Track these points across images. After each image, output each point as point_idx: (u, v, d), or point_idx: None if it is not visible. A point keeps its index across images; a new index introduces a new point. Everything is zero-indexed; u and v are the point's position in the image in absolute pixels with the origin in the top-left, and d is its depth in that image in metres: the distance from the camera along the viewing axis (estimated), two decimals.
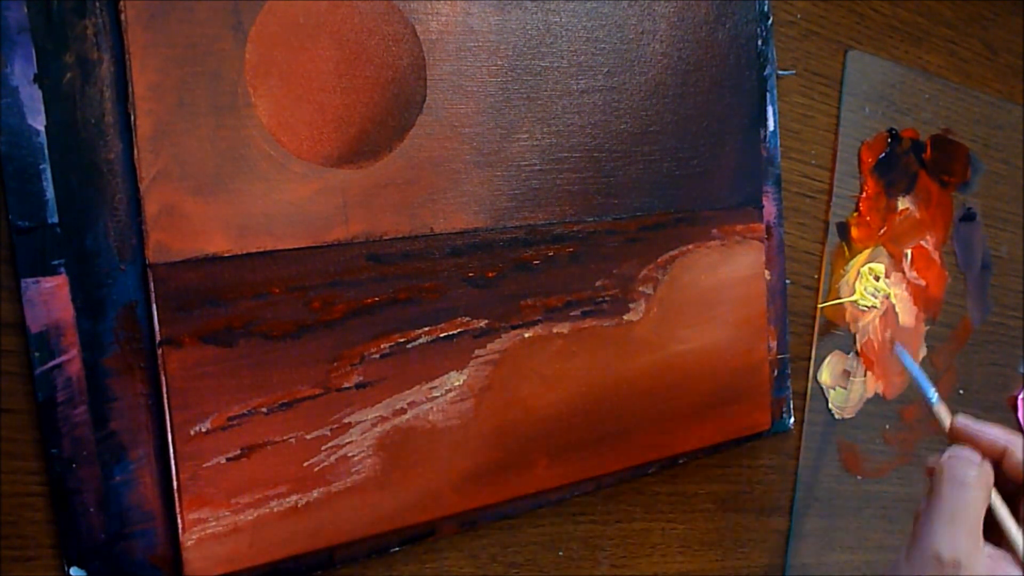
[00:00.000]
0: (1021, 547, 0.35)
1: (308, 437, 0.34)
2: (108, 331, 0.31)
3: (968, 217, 0.59)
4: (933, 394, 0.42)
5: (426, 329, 0.36)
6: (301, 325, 0.34)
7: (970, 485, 0.35)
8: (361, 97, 0.34)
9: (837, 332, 0.53)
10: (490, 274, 0.38)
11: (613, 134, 0.41)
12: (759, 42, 0.46)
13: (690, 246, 0.44)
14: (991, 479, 0.36)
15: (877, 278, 0.54)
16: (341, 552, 0.36)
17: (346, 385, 0.35)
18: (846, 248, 0.53)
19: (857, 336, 0.54)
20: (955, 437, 0.39)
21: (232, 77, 0.32)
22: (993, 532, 0.36)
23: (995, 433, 0.38)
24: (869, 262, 0.54)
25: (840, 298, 0.53)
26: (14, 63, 0.29)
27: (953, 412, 0.40)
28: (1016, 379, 0.63)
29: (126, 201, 0.31)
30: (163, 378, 0.31)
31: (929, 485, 0.37)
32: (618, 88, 0.41)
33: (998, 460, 0.37)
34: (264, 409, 0.33)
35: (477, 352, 0.38)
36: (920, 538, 0.35)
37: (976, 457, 0.37)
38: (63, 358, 0.30)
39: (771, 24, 0.47)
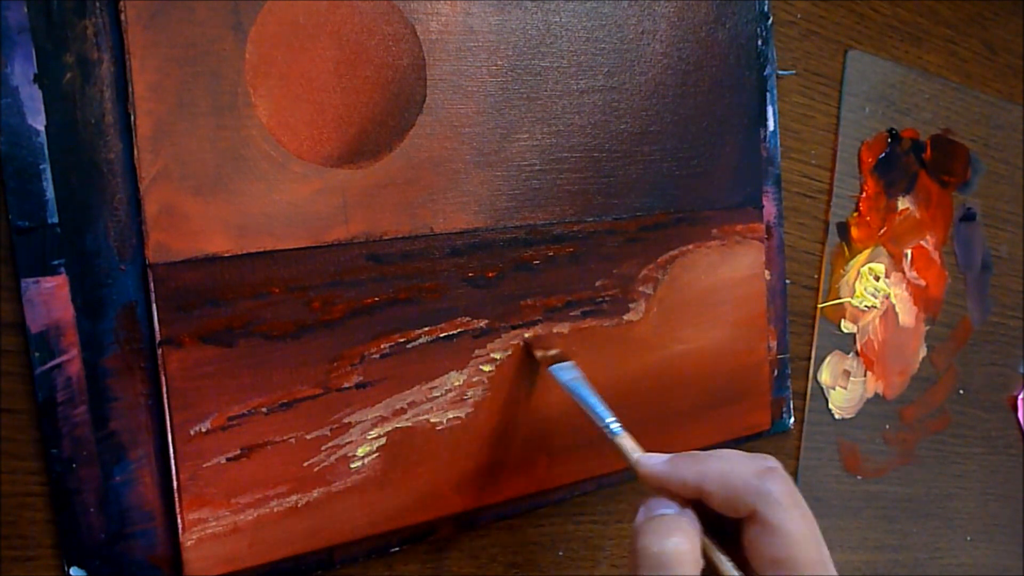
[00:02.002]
0: None
1: (308, 437, 0.34)
2: (108, 331, 0.31)
3: (968, 217, 0.59)
4: (613, 423, 0.34)
5: (426, 329, 0.36)
6: (301, 325, 0.34)
7: (669, 564, 0.28)
8: (361, 97, 0.34)
9: (837, 332, 0.53)
10: (490, 274, 0.38)
11: (613, 134, 0.41)
12: (759, 42, 0.46)
13: (690, 246, 0.44)
14: (695, 538, 0.29)
15: (877, 278, 0.54)
16: (341, 552, 0.36)
17: (346, 385, 0.35)
18: (846, 248, 0.53)
19: (857, 336, 0.54)
20: (644, 483, 0.32)
21: (232, 77, 0.32)
22: None
23: (684, 472, 0.30)
24: (869, 262, 0.54)
25: (840, 298, 0.53)
26: (14, 63, 0.29)
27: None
28: (1016, 379, 0.63)
29: (126, 201, 0.31)
30: (163, 378, 0.31)
31: (628, 559, 0.29)
32: (618, 88, 0.41)
33: (698, 500, 0.30)
34: (264, 409, 0.33)
35: (477, 352, 0.38)
36: None
37: (672, 510, 0.30)
38: (63, 358, 0.30)
39: (771, 24, 0.47)
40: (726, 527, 0.30)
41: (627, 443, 0.33)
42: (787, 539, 0.28)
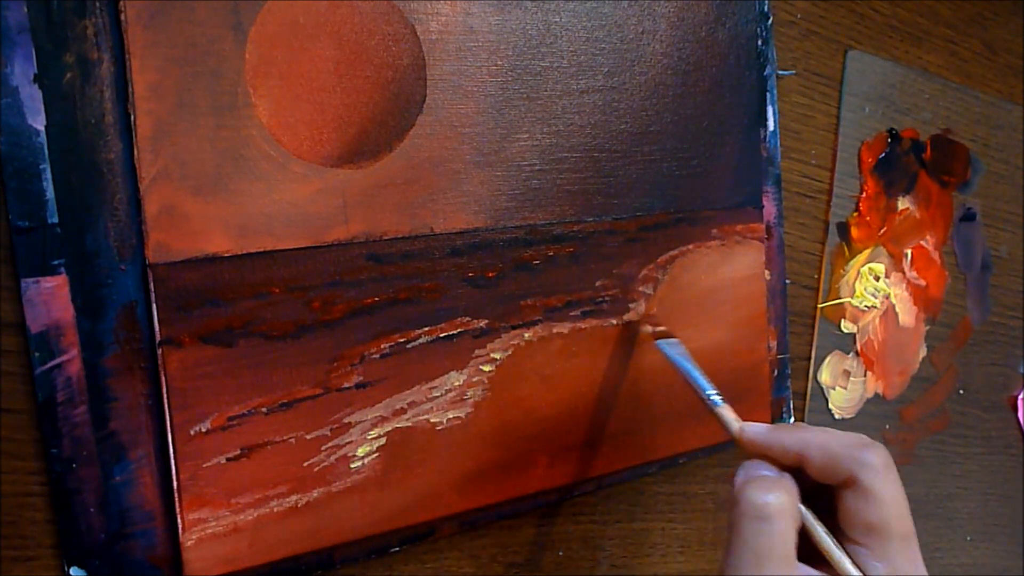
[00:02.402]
0: (846, 566, 0.30)
1: (308, 437, 0.34)
2: (108, 331, 0.31)
3: (968, 217, 0.59)
4: (714, 395, 0.36)
5: (426, 329, 0.36)
6: (301, 325, 0.34)
7: (771, 516, 0.29)
8: (361, 97, 0.34)
9: (837, 332, 0.53)
10: (490, 274, 0.38)
11: (613, 134, 0.41)
12: (759, 42, 0.46)
13: (690, 246, 0.44)
14: (795, 497, 0.30)
15: (877, 278, 0.54)
16: (341, 552, 0.36)
17: (346, 385, 0.35)
18: (846, 248, 0.53)
19: (857, 336, 0.54)
20: (745, 450, 0.33)
21: (232, 77, 0.32)
22: (811, 550, 0.30)
23: (786, 439, 0.32)
24: (869, 262, 0.54)
25: (840, 298, 0.53)
26: (14, 63, 0.29)
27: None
28: (1016, 379, 0.63)
29: (126, 201, 0.31)
30: (163, 378, 0.31)
31: (728, 517, 0.30)
32: (618, 88, 0.41)
33: (797, 467, 0.31)
34: (264, 409, 0.33)
35: (477, 352, 0.38)
36: None
37: (772, 473, 0.31)
38: (63, 358, 0.30)
39: (771, 24, 0.47)
40: (818, 500, 0.31)
41: (727, 414, 0.35)
42: (883, 506, 0.29)
